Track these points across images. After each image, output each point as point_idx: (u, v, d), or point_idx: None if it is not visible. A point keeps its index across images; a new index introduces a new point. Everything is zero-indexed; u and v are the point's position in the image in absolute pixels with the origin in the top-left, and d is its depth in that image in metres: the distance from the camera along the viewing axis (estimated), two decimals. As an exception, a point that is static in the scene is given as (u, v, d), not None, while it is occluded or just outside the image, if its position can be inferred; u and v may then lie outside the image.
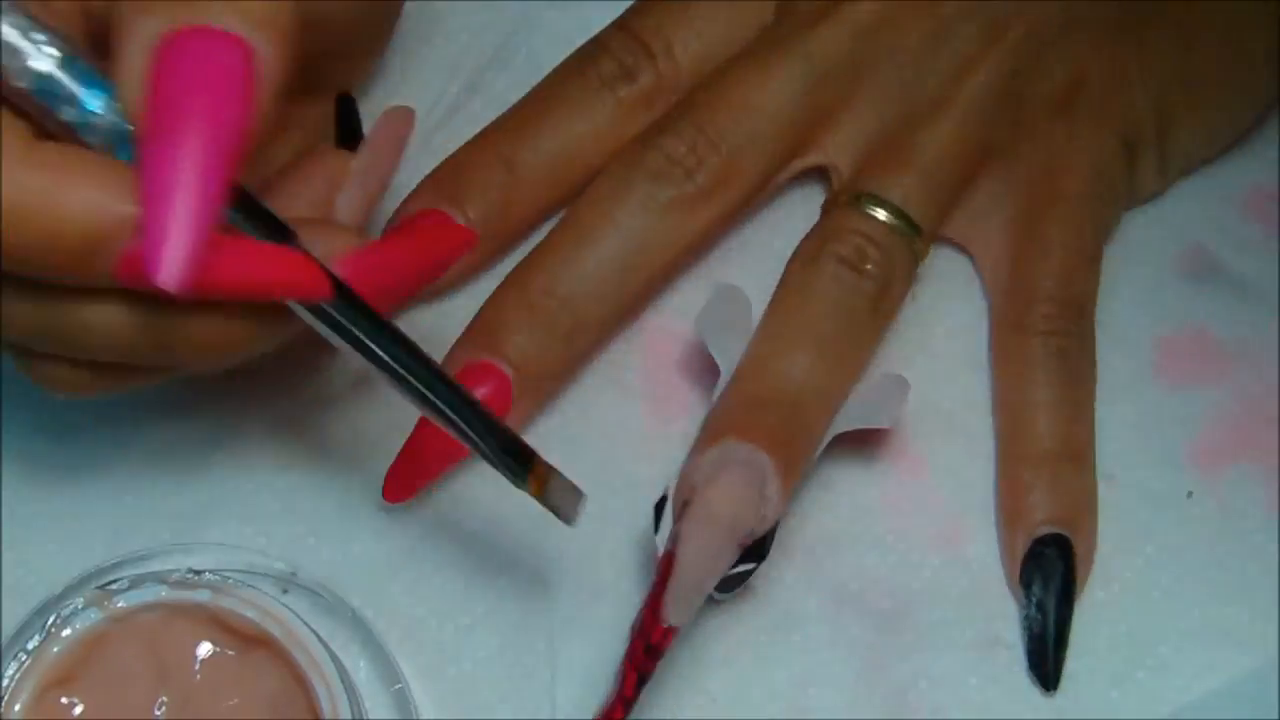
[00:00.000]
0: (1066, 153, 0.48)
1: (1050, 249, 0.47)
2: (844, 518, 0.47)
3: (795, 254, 0.47)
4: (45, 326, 0.38)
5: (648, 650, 0.42)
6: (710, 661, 0.46)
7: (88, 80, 0.36)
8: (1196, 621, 0.46)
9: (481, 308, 0.47)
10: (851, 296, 0.46)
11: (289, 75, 0.36)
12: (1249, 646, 0.46)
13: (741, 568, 0.44)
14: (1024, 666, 0.46)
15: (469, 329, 0.47)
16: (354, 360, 0.38)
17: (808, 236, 0.47)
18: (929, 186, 0.47)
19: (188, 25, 0.35)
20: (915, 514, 0.47)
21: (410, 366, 0.39)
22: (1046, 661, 0.46)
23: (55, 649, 0.43)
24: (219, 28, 0.35)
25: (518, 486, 0.40)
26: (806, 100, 0.47)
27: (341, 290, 0.38)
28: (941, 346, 0.49)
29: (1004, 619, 0.46)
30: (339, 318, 0.38)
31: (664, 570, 0.43)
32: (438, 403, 0.39)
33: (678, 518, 0.43)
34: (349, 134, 0.47)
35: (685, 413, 0.48)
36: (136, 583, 0.43)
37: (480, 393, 0.45)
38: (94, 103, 0.36)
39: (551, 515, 0.41)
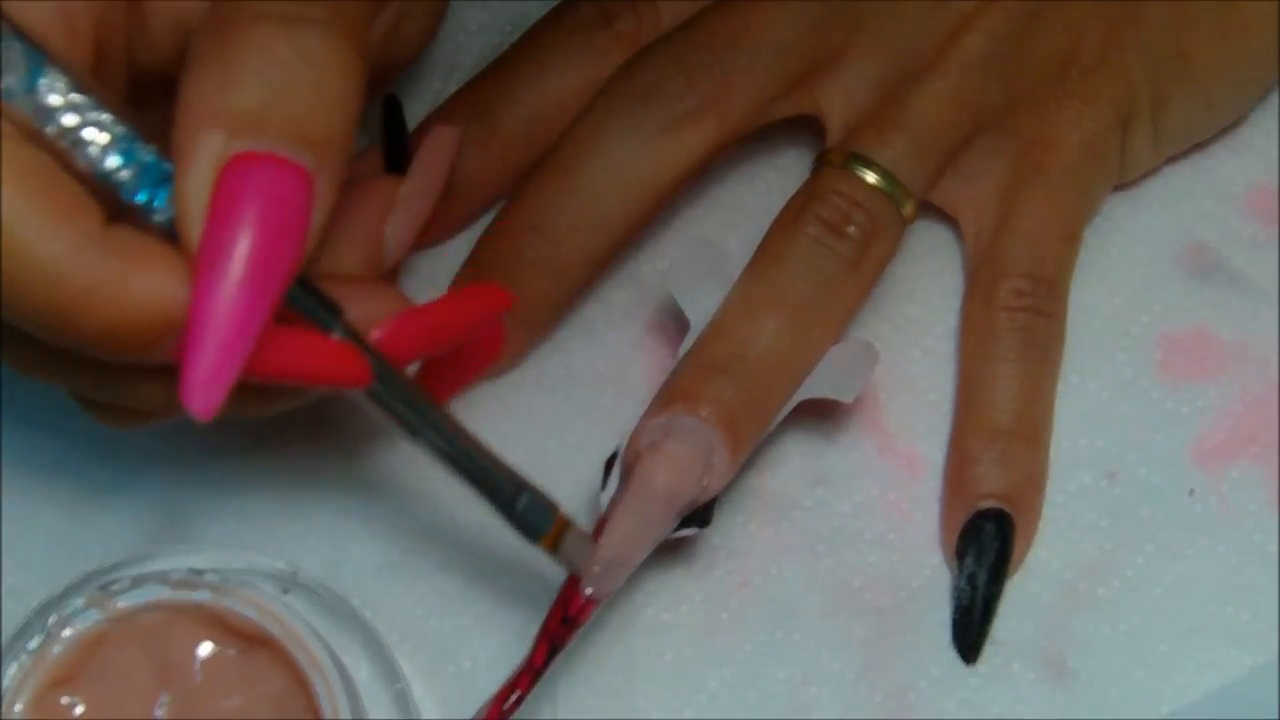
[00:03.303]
0: (1055, 124, 0.47)
1: (1027, 224, 0.47)
2: (844, 517, 0.47)
3: (779, 215, 0.46)
4: (107, 392, 0.39)
5: (565, 620, 0.42)
6: (710, 661, 0.46)
7: (152, 175, 0.35)
8: (1196, 620, 0.46)
9: (474, 246, 0.47)
10: (828, 260, 0.45)
11: (339, 201, 0.36)
12: (1249, 646, 0.46)
13: (683, 532, 0.44)
14: (1024, 665, 0.46)
15: (464, 265, 0.47)
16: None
17: (793, 197, 0.46)
18: (920, 149, 0.46)
19: (252, 150, 0.34)
20: (915, 514, 0.47)
21: (441, 439, 0.39)
22: (969, 634, 0.46)
23: (56, 649, 0.43)
24: (285, 156, 0.35)
25: (531, 543, 0.41)
26: (807, 38, 0.47)
27: (379, 372, 0.38)
28: (944, 346, 0.49)
29: (1003, 618, 0.46)
30: (376, 397, 0.38)
31: (595, 538, 0.42)
32: (469, 471, 0.40)
33: (620, 483, 0.43)
34: (396, 135, 0.47)
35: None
36: (137, 583, 0.43)
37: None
38: (159, 199, 0.35)
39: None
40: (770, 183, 0.50)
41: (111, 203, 0.35)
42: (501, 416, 0.48)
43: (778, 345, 0.44)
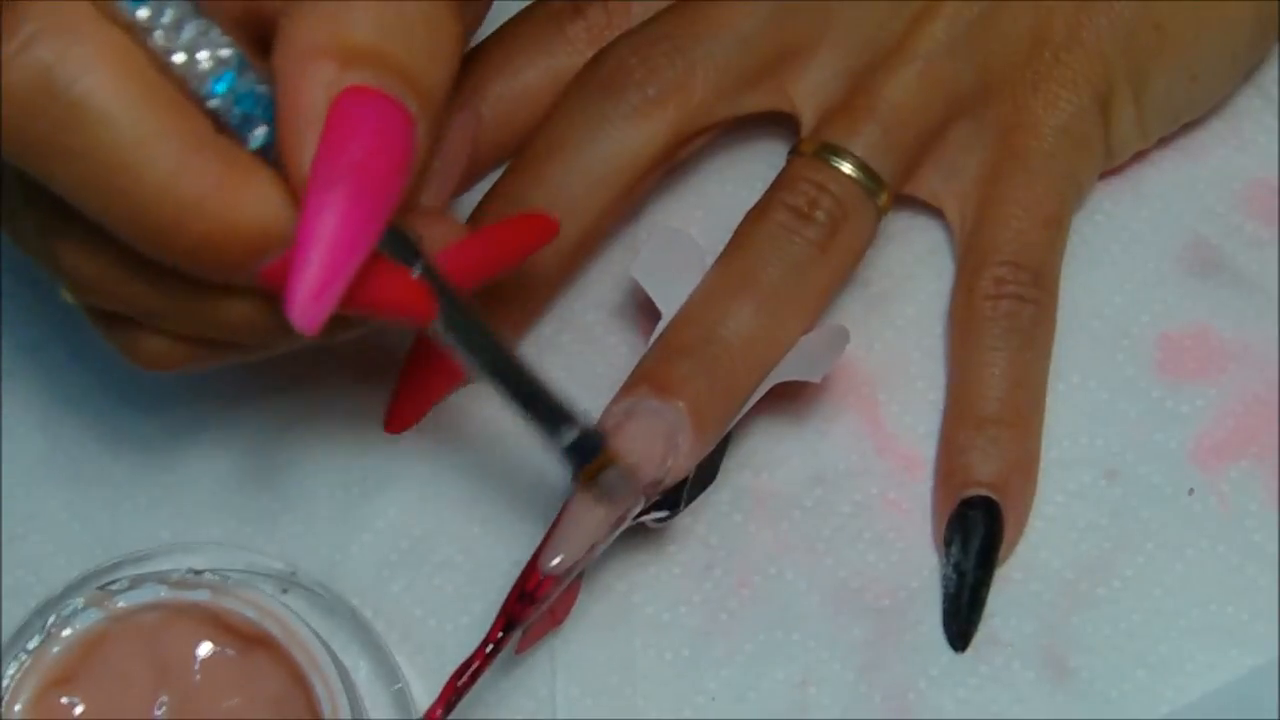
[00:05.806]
0: (1031, 108, 0.47)
1: (1006, 211, 0.47)
2: (844, 517, 0.47)
3: (751, 207, 0.46)
4: (167, 308, 0.38)
5: (522, 596, 0.42)
6: (710, 661, 0.46)
7: (255, 101, 0.36)
8: (1196, 621, 0.46)
9: None
10: (796, 245, 0.45)
11: (432, 149, 0.37)
12: (1249, 646, 0.45)
13: (654, 515, 0.44)
14: (1024, 665, 0.46)
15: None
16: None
17: (766, 189, 0.47)
18: (892, 138, 0.46)
19: (366, 85, 0.35)
20: (915, 514, 0.47)
21: (499, 364, 0.40)
22: (958, 622, 0.46)
23: (55, 649, 0.43)
24: (393, 96, 0.35)
25: (573, 476, 0.41)
26: (771, 31, 0.47)
27: (448, 302, 0.38)
28: (943, 347, 0.48)
29: (1003, 617, 0.46)
30: (445, 327, 0.39)
31: (557, 517, 0.43)
32: (523, 401, 0.40)
33: None
34: None
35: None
36: (136, 583, 0.43)
37: None
38: (256, 124, 0.36)
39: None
40: (743, 182, 0.50)
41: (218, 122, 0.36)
42: (502, 416, 0.47)
43: (745, 329, 0.45)
